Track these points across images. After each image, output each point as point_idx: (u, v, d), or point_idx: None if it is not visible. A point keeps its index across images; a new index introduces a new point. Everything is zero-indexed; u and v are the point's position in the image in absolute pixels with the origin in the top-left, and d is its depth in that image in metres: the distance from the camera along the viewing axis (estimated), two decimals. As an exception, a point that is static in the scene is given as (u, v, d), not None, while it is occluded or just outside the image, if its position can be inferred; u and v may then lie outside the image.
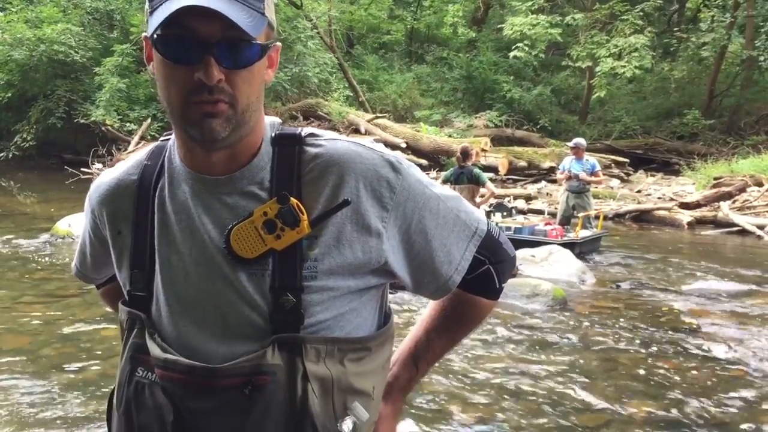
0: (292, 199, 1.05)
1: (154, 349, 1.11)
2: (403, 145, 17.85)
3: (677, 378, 4.90)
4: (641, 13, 21.97)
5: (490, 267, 1.22)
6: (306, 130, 1.15)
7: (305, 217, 1.05)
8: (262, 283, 1.07)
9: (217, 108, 1.00)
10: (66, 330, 5.69)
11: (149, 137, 19.28)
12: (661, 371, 5.04)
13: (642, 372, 5.02)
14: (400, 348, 1.34)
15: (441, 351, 1.34)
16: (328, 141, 1.12)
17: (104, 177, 1.25)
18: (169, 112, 1.05)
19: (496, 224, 1.25)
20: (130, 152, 17.98)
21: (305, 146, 1.11)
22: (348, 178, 1.07)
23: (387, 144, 17.66)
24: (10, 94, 20.63)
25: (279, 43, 1.12)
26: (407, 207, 1.11)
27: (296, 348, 1.06)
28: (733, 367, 5.14)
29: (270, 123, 1.15)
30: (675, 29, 24.66)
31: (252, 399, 1.05)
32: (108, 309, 1.61)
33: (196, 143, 1.07)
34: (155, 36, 1.00)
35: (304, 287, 1.06)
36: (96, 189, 1.24)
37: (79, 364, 4.92)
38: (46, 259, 8.53)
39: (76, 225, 9.66)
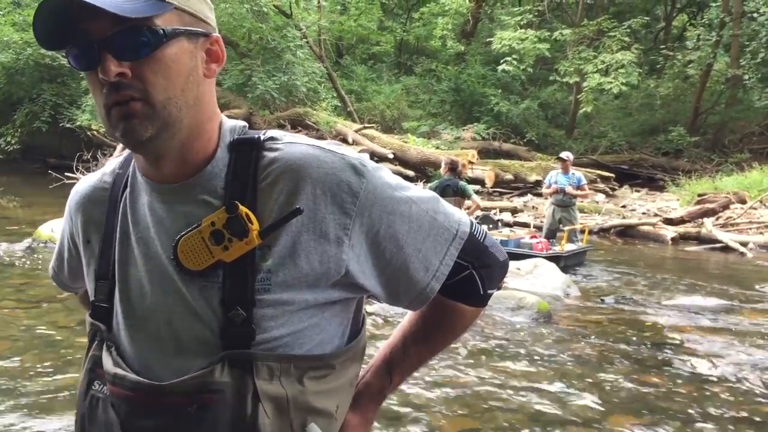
0: (241, 207, 0.99)
1: (107, 363, 1.08)
2: (391, 156, 17.87)
3: (661, 393, 4.91)
4: (628, 30, 22.20)
5: (473, 272, 1.14)
6: (267, 134, 1.08)
7: (255, 226, 0.99)
8: (213, 296, 1.01)
9: (131, 107, 0.95)
10: (46, 336, 5.62)
11: (135, 143, 19.16)
12: (645, 386, 5.04)
13: (626, 386, 5.01)
14: (375, 354, 1.27)
15: (418, 360, 1.26)
16: (286, 144, 1.05)
17: (82, 183, 1.22)
18: (101, 120, 1.01)
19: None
20: (116, 157, 17.85)
21: (263, 151, 1.05)
22: (303, 184, 1.00)
23: (374, 154, 17.74)
24: (-5, 97, 20.52)
25: (217, 35, 1.05)
26: (373, 212, 1.03)
27: (247, 365, 0.99)
28: (716, 382, 5.15)
29: (230, 127, 1.09)
30: (661, 47, 24.91)
31: (197, 418, 0.99)
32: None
33: (131, 150, 1.04)
34: (65, 51, 0.98)
35: (257, 301, 1.00)
36: (73, 195, 1.22)
37: (57, 370, 4.85)
38: (28, 264, 8.43)
39: (58, 230, 9.48)
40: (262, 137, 1.07)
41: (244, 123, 1.13)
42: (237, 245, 0.99)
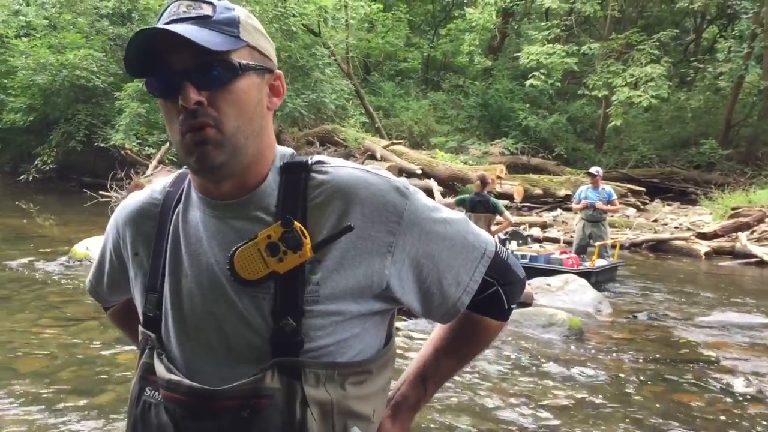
0: (296, 223, 1.06)
1: (160, 369, 1.14)
2: (419, 172, 17.90)
3: (695, 412, 4.84)
4: (657, 43, 22.02)
5: (499, 288, 1.22)
6: (314, 158, 1.16)
7: (308, 241, 1.06)
8: (264, 306, 1.08)
9: (206, 134, 1.04)
10: (82, 354, 5.72)
11: (167, 161, 19.46)
12: (679, 405, 4.98)
13: (659, 405, 4.96)
14: (408, 367, 1.33)
15: (450, 371, 1.34)
16: (335, 168, 1.13)
17: (131, 199, 1.29)
18: (174, 147, 1.10)
19: (511, 251, 1.24)
20: (148, 176, 18.16)
21: (312, 173, 1.13)
22: (354, 204, 1.09)
23: (402, 170, 17.78)
24: (32, 118, 20.95)
25: (279, 71, 1.15)
26: (414, 232, 1.11)
27: (296, 372, 1.06)
28: (753, 400, 5.07)
29: (281, 153, 1.17)
30: (692, 59, 24.70)
31: (250, 422, 1.06)
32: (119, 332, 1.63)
33: (198, 175, 1.11)
34: (145, 80, 1.07)
35: (305, 311, 1.07)
36: (122, 209, 1.29)
37: (95, 388, 4.94)
38: (64, 281, 8.60)
39: (93, 248, 9.74)
40: (310, 161, 1.15)
41: (291, 150, 1.20)
42: (291, 258, 1.06)
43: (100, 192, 17.70)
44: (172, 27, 1.01)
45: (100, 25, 21.84)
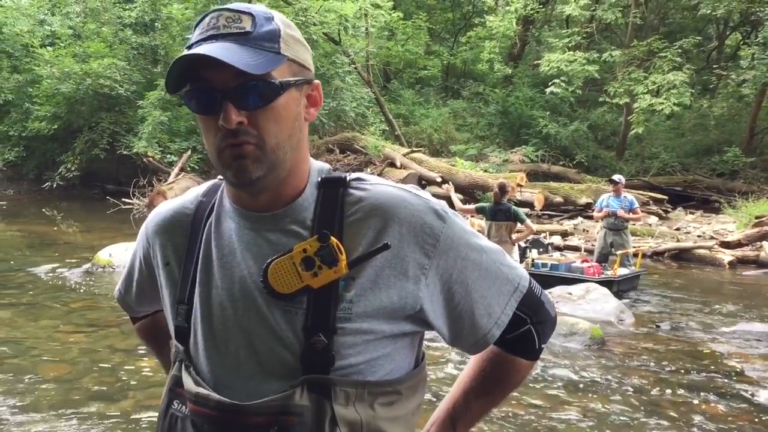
0: (332, 238, 1.05)
1: (188, 383, 1.13)
2: (439, 180, 17.87)
3: (720, 424, 4.77)
4: (680, 50, 21.83)
5: (531, 327, 1.20)
6: (353, 175, 1.16)
7: (344, 257, 1.05)
8: (296, 321, 1.06)
9: (244, 150, 1.03)
10: (104, 360, 5.78)
11: (189, 169, 19.63)
12: (703, 416, 4.91)
13: (682, 416, 4.89)
14: (437, 409, 1.32)
15: (479, 413, 1.32)
16: (374, 185, 1.12)
17: (162, 207, 1.28)
18: (211, 159, 1.09)
19: (532, 260, 1.19)
20: (170, 183, 18.32)
21: (350, 189, 1.12)
22: (391, 223, 1.07)
23: (422, 178, 17.78)
24: (56, 126, 21.25)
25: (317, 81, 1.13)
26: (449, 256, 1.10)
27: (325, 390, 1.05)
28: (779, 413, 4.99)
29: (318, 168, 1.16)
30: (714, 66, 24.41)
31: None
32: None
33: (235, 187, 1.10)
34: (183, 93, 1.05)
35: (338, 329, 1.05)
36: (153, 218, 1.28)
37: (117, 394, 4.98)
38: (87, 288, 8.69)
39: (117, 255, 9.84)
40: (348, 177, 1.14)
41: (328, 165, 1.20)
42: (326, 273, 1.04)
43: (123, 199, 17.89)
44: (212, 45, 1.00)
45: (123, 34, 22.14)
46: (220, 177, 1.20)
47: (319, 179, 1.14)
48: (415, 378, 1.18)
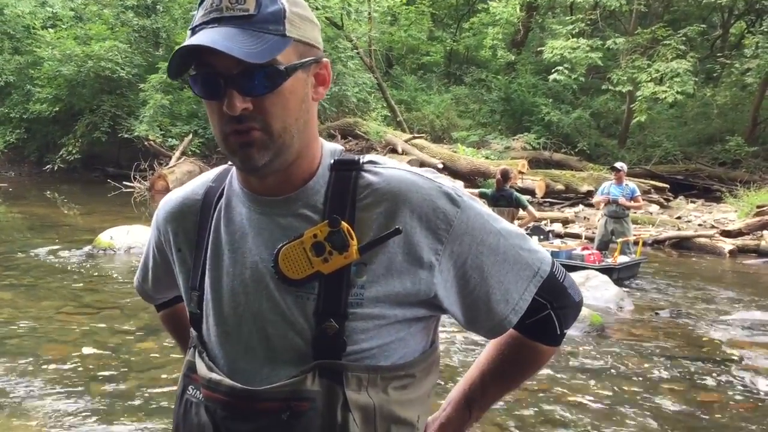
0: (343, 223, 1.03)
1: (201, 368, 1.13)
2: (440, 166, 17.86)
3: (718, 410, 4.80)
4: (684, 38, 21.71)
5: (551, 312, 1.17)
6: (366, 157, 1.13)
7: (355, 242, 1.03)
8: (307, 306, 1.05)
9: (251, 136, 1.01)
10: (105, 341, 5.79)
11: (190, 153, 19.63)
12: (701, 403, 4.93)
13: (681, 403, 4.92)
14: (453, 389, 1.31)
15: (495, 396, 1.30)
16: (387, 169, 1.10)
17: (172, 195, 1.27)
18: (218, 143, 1.07)
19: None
20: (171, 167, 18.32)
21: (363, 172, 1.10)
22: (403, 208, 1.05)
23: (424, 164, 17.75)
24: (57, 108, 21.24)
25: (326, 59, 1.09)
26: (464, 241, 1.08)
27: (337, 375, 1.04)
28: (776, 401, 5.01)
29: (331, 150, 1.14)
30: (718, 55, 24.29)
31: (290, 425, 1.04)
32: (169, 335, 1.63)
33: (243, 172, 1.10)
34: (188, 77, 1.03)
35: (349, 314, 1.04)
36: (163, 206, 1.27)
37: (118, 375, 5.00)
38: (88, 270, 8.70)
39: (117, 238, 9.86)
40: (362, 160, 1.12)
41: (341, 147, 1.18)
42: (336, 258, 1.03)
43: (124, 182, 17.92)
44: (213, 32, 0.97)
45: (125, 16, 22.08)
46: (230, 162, 1.19)
47: (332, 161, 1.12)
48: (429, 359, 1.17)
